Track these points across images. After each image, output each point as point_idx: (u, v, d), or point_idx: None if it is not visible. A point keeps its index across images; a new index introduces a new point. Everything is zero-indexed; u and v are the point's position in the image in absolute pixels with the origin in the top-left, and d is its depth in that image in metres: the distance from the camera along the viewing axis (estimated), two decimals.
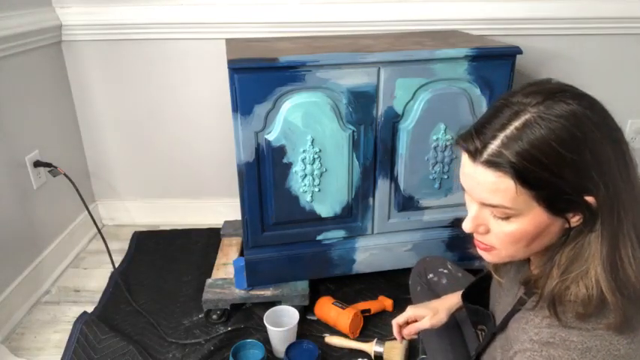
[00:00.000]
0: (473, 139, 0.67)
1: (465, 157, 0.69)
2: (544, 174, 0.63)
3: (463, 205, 1.70)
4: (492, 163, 0.65)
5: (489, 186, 0.66)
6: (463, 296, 0.95)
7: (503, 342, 0.79)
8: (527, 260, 0.80)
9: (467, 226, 0.73)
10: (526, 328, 0.71)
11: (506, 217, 0.68)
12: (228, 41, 1.55)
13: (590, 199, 0.64)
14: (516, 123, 0.64)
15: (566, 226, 0.67)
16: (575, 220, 0.66)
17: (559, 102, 0.64)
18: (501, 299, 0.87)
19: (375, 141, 1.43)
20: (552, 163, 0.62)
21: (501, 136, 0.64)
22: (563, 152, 0.62)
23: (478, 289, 0.96)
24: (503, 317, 0.80)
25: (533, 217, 0.66)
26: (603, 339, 0.65)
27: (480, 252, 0.77)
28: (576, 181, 0.63)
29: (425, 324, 1.07)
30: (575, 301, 0.66)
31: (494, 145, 0.64)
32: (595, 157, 0.63)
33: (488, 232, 0.72)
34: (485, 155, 0.65)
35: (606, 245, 0.65)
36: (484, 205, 0.69)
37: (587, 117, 0.63)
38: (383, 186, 1.50)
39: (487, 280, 0.96)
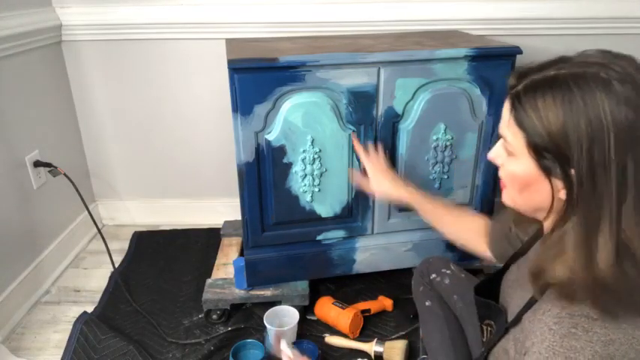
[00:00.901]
0: (515, 76, 0.72)
1: None
2: (535, 121, 0.66)
3: (463, 205, 1.72)
4: (511, 96, 0.71)
5: (503, 115, 0.74)
6: (475, 290, 0.95)
7: (518, 334, 0.78)
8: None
9: (490, 152, 0.80)
10: (543, 319, 0.70)
11: (510, 154, 0.73)
12: (228, 41, 1.54)
13: (572, 172, 0.65)
14: (549, 74, 0.67)
15: (552, 195, 0.69)
16: (561, 192, 0.68)
17: (599, 76, 0.64)
18: (515, 294, 0.86)
19: (375, 141, 1.43)
20: (547, 116, 0.65)
21: (531, 78, 0.69)
22: (561, 115, 0.64)
23: (489, 285, 0.96)
24: (517, 311, 0.79)
25: (525, 164, 0.70)
26: (626, 332, 0.64)
27: (502, 192, 0.81)
28: (562, 147, 0.65)
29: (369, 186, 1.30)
30: (554, 281, 0.67)
31: (521, 85, 0.69)
32: (591, 140, 0.62)
33: (502, 166, 0.77)
34: (512, 90, 0.71)
35: (582, 230, 0.65)
36: (499, 135, 0.76)
37: (615, 99, 0.62)
38: None
39: (499, 277, 0.96)
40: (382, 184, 1.30)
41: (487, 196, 1.58)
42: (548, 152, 0.66)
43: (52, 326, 1.56)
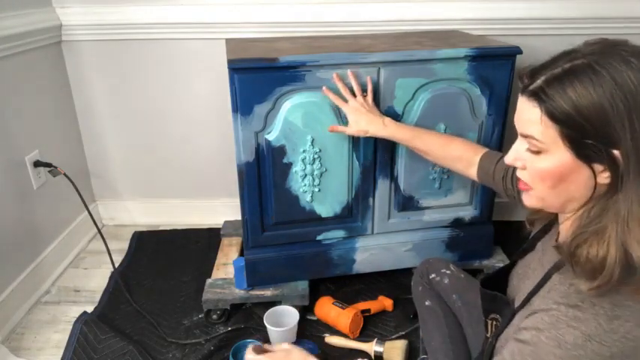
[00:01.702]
0: (527, 75, 0.71)
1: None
2: (569, 109, 0.65)
3: (463, 205, 1.72)
4: (531, 93, 0.69)
5: (523, 114, 0.71)
6: (481, 283, 0.95)
7: (523, 313, 0.78)
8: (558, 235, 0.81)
9: (507, 157, 0.78)
10: (549, 295, 0.71)
11: (538, 152, 0.71)
12: (228, 41, 1.54)
13: (616, 152, 0.64)
14: (566, 65, 0.67)
15: (594, 179, 0.68)
16: (603, 175, 0.67)
17: (615, 55, 0.65)
18: (524, 285, 0.86)
19: (375, 141, 1.43)
20: (581, 103, 0.64)
21: (548, 73, 0.68)
22: (595, 97, 0.63)
23: (496, 279, 0.96)
24: (526, 296, 0.80)
25: (560, 157, 0.68)
26: (633, 310, 0.65)
27: (522, 194, 0.79)
28: (602, 129, 0.64)
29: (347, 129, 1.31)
30: (588, 258, 0.66)
31: (539, 81, 0.68)
32: (629, 112, 0.63)
33: (525, 168, 0.75)
34: (529, 88, 0.69)
35: (630, 205, 0.64)
36: (522, 136, 0.73)
37: (638, 72, 0.63)
38: (383, 186, 1.50)
39: (506, 272, 0.96)
40: (360, 122, 1.30)
41: (487, 196, 1.58)
42: (588, 138, 0.65)
43: (52, 326, 1.56)
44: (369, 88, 1.34)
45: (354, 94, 1.32)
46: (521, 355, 0.71)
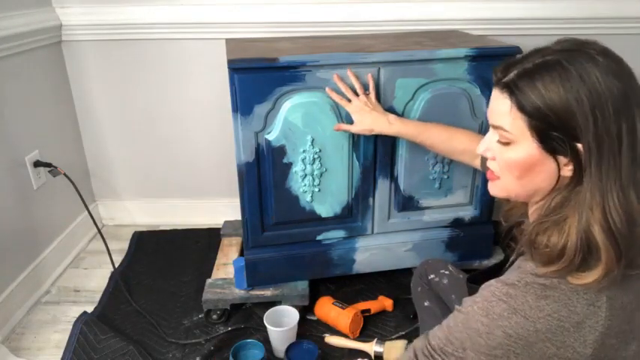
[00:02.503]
0: (500, 69, 0.74)
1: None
2: (537, 102, 0.68)
3: (463, 205, 1.72)
4: (503, 86, 0.72)
5: (494, 106, 0.75)
6: (469, 279, 0.98)
7: None
8: None
9: (479, 148, 0.82)
10: (497, 276, 0.75)
11: (507, 143, 0.74)
12: (228, 41, 1.54)
13: (579, 146, 0.67)
14: (537, 60, 0.70)
15: (558, 172, 0.71)
16: (567, 168, 0.70)
17: (583, 53, 0.68)
18: None
19: (375, 141, 1.43)
20: (549, 97, 0.67)
21: (520, 67, 0.71)
22: (562, 91, 0.66)
23: (487, 277, 0.97)
24: None
25: (527, 148, 0.72)
26: (564, 293, 0.68)
27: (489, 183, 0.83)
28: (567, 122, 0.67)
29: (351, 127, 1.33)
30: (547, 246, 0.69)
31: (512, 74, 0.72)
32: (593, 107, 0.65)
33: (494, 158, 0.79)
34: (502, 80, 0.73)
35: (592, 197, 0.67)
36: (493, 127, 0.77)
37: (603, 71, 0.66)
38: (383, 186, 1.50)
39: (498, 270, 0.97)
40: (364, 121, 1.32)
41: (487, 196, 1.58)
42: (554, 130, 0.68)
43: (52, 326, 1.56)
44: (371, 85, 1.34)
45: (356, 94, 1.33)
46: (455, 320, 0.76)
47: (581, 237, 0.67)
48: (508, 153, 0.74)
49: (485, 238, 1.65)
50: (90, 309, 1.60)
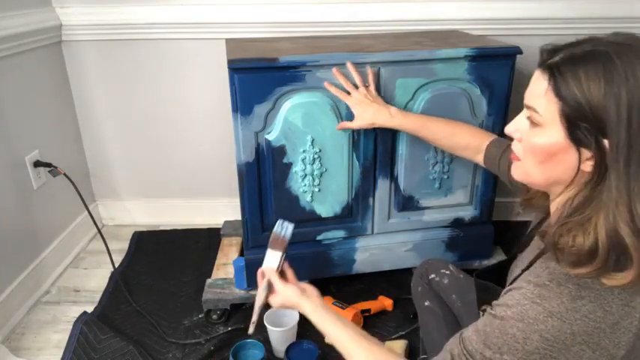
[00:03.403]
0: (548, 51, 0.73)
1: None
2: (575, 90, 0.66)
3: (463, 205, 1.72)
4: (546, 67, 0.71)
5: (533, 86, 0.73)
6: (478, 275, 0.97)
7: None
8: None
9: (508, 127, 0.80)
10: (523, 276, 0.74)
11: (535, 125, 0.73)
12: (228, 41, 1.54)
13: (605, 142, 0.66)
14: (587, 48, 0.68)
15: (578, 164, 0.69)
16: (588, 162, 0.69)
17: (635, 51, 0.66)
18: (514, 272, 0.87)
19: (375, 141, 1.43)
20: (588, 86, 0.65)
21: (568, 52, 0.69)
22: (602, 84, 0.65)
23: (494, 273, 0.98)
24: (510, 281, 0.81)
25: (554, 134, 0.70)
26: (598, 293, 0.67)
27: (512, 166, 0.82)
28: (599, 116, 0.65)
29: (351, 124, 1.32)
30: (572, 247, 0.68)
31: (557, 57, 0.70)
32: (630, 107, 0.64)
33: (520, 140, 0.78)
34: (547, 62, 0.71)
35: (619, 197, 0.66)
36: (526, 107, 0.75)
37: None
38: (383, 186, 1.50)
39: (504, 267, 0.97)
40: (365, 114, 1.30)
41: (487, 196, 1.58)
42: (583, 122, 0.67)
43: (52, 326, 1.56)
44: (371, 78, 1.33)
45: (356, 87, 1.32)
46: (491, 326, 0.73)
47: (610, 237, 0.65)
48: (535, 136, 0.73)
49: (485, 238, 1.65)
50: (90, 309, 1.60)
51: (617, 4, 1.76)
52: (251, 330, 1.12)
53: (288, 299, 1.06)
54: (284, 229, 1.15)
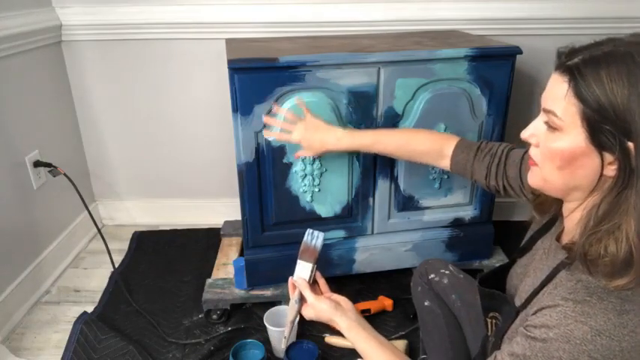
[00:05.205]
0: (566, 53, 0.71)
1: None
2: (597, 92, 0.64)
3: (463, 205, 1.71)
4: (565, 69, 0.68)
5: (550, 89, 0.71)
6: (479, 282, 0.95)
7: (528, 311, 0.77)
8: (562, 232, 0.81)
9: (524, 132, 0.77)
10: (554, 292, 0.70)
11: (554, 129, 0.70)
12: (228, 41, 1.55)
13: (630, 145, 0.64)
14: (607, 49, 0.66)
15: (601, 169, 0.67)
16: (611, 167, 0.67)
17: None
18: (523, 283, 0.86)
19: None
20: (610, 88, 0.64)
21: (587, 53, 0.67)
22: (626, 85, 0.63)
23: (494, 278, 0.96)
24: (527, 296, 0.79)
25: (574, 138, 0.68)
26: None
27: (529, 172, 0.79)
28: (624, 118, 0.63)
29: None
30: (605, 257, 0.65)
31: (577, 59, 0.68)
32: None
33: (538, 145, 0.75)
34: (566, 64, 0.69)
35: None
36: (544, 110, 0.72)
37: None
38: (383, 186, 1.50)
39: (504, 271, 0.96)
40: (313, 146, 1.27)
41: (487, 196, 1.58)
42: (606, 124, 0.64)
43: (52, 326, 1.56)
44: (303, 108, 1.30)
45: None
46: (532, 350, 0.70)
47: None
48: (553, 141, 0.70)
49: (485, 238, 1.65)
50: (90, 309, 1.60)
51: (617, 4, 1.76)
52: (283, 345, 1.08)
53: (322, 314, 0.99)
54: (314, 238, 1.09)
